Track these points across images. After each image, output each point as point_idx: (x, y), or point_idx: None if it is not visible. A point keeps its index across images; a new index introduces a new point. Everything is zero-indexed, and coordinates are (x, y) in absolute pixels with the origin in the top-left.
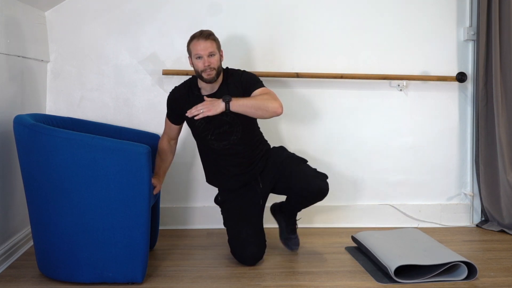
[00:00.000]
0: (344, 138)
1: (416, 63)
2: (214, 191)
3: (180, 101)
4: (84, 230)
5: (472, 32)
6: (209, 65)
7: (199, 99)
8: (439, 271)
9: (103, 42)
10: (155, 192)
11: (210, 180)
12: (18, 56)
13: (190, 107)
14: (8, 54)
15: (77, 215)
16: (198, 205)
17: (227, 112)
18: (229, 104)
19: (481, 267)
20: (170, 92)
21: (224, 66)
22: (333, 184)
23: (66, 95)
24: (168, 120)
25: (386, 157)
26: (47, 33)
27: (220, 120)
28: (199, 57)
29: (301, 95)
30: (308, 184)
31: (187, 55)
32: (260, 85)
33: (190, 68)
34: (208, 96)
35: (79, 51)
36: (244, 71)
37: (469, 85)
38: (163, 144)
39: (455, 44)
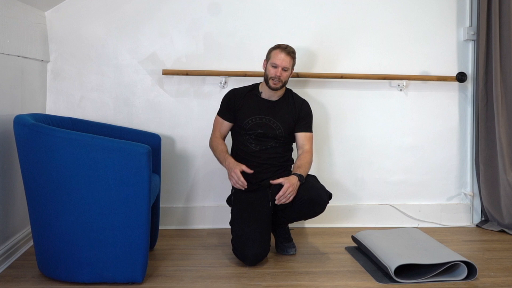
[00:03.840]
0: (344, 138)
1: (416, 63)
2: (214, 191)
3: (239, 98)
4: (84, 230)
5: (472, 32)
6: (279, 76)
7: (258, 99)
8: (439, 271)
9: (103, 42)
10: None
11: None
12: (18, 56)
13: (248, 104)
14: (8, 54)
15: (77, 215)
16: (198, 205)
17: (279, 127)
18: (303, 179)
19: (481, 267)
20: (229, 91)
21: (223, 66)
22: (333, 184)
23: (66, 95)
24: (220, 118)
25: (386, 157)
26: (47, 33)
27: (270, 128)
28: (275, 66)
29: (301, 95)
30: (309, 192)
31: (264, 58)
32: (311, 128)
33: (190, 68)
34: (267, 103)
35: (79, 51)
36: (305, 101)
37: (469, 85)
38: (216, 137)
39: (455, 44)
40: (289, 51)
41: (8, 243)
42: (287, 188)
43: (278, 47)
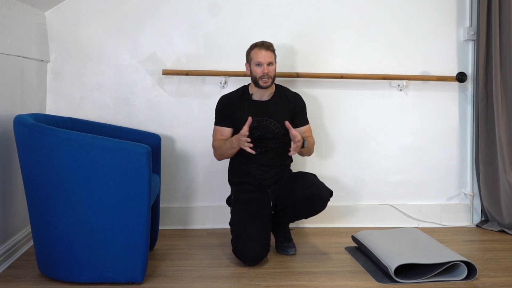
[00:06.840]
0: (344, 138)
1: (416, 63)
2: (214, 191)
3: (233, 104)
4: (84, 230)
5: (472, 32)
6: (267, 73)
7: (250, 103)
8: (439, 271)
9: (103, 42)
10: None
11: (231, 179)
12: (18, 56)
13: (242, 109)
14: (8, 54)
15: (77, 215)
16: (198, 205)
17: (277, 125)
18: (305, 144)
19: (481, 267)
20: (220, 99)
21: (223, 66)
22: (333, 184)
23: (66, 95)
24: (219, 127)
25: (386, 157)
26: (47, 33)
27: (268, 128)
28: (259, 65)
29: (301, 95)
30: (310, 189)
31: (245, 62)
32: (307, 120)
33: (190, 68)
34: (260, 104)
35: (79, 51)
36: (297, 94)
37: (469, 85)
38: (217, 141)
39: (455, 44)
40: (267, 46)
41: (8, 243)
42: (296, 134)
43: (255, 46)
